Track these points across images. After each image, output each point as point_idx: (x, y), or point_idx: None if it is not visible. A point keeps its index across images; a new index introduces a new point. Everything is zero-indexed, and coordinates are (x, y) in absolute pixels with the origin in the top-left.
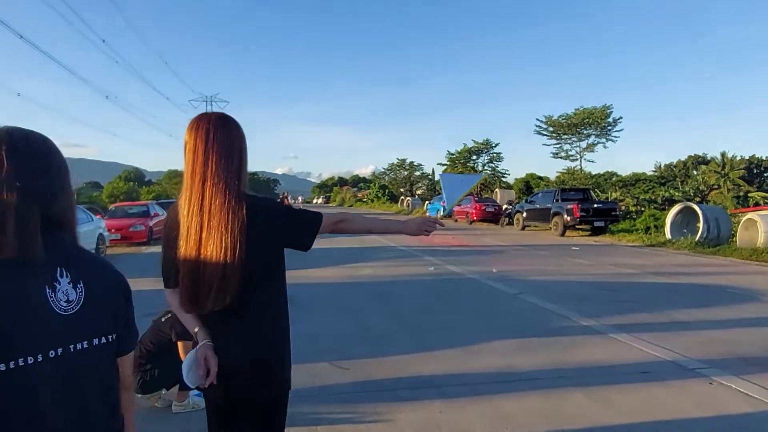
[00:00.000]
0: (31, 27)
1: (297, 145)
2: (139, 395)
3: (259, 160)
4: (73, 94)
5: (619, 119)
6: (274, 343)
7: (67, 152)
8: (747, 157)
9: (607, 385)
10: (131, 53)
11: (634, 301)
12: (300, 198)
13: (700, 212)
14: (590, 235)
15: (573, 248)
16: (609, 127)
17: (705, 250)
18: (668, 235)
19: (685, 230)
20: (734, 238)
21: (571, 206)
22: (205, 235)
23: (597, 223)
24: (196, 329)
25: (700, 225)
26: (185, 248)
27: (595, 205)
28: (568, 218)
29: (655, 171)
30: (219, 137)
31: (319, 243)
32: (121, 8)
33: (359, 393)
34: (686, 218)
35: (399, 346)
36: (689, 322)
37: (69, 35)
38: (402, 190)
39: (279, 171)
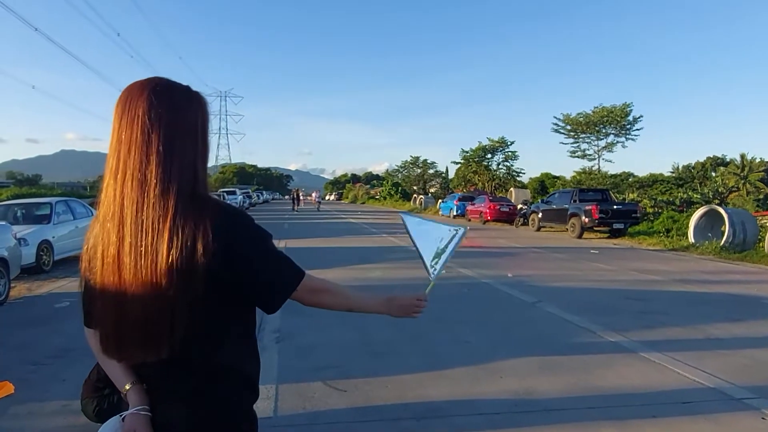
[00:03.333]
0: (47, 20)
1: (312, 141)
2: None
3: (273, 156)
4: (88, 88)
5: (639, 118)
6: (235, 411)
7: (84, 146)
8: (767, 159)
9: (644, 419)
10: (146, 48)
11: (662, 312)
12: (315, 194)
13: (725, 215)
14: (608, 237)
15: (592, 251)
16: (628, 126)
17: (731, 256)
18: (691, 239)
19: (709, 234)
20: (761, 243)
21: (590, 207)
22: (135, 256)
23: (616, 225)
24: (127, 386)
25: (726, 229)
26: (101, 273)
27: (615, 207)
28: (586, 220)
29: (672, 172)
30: (161, 112)
31: (327, 242)
32: (136, 2)
33: (357, 423)
34: (710, 221)
35: (405, 362)
36: (727, 339)
37: (84, 29)
38: (415, 187)
39: (293, 167)
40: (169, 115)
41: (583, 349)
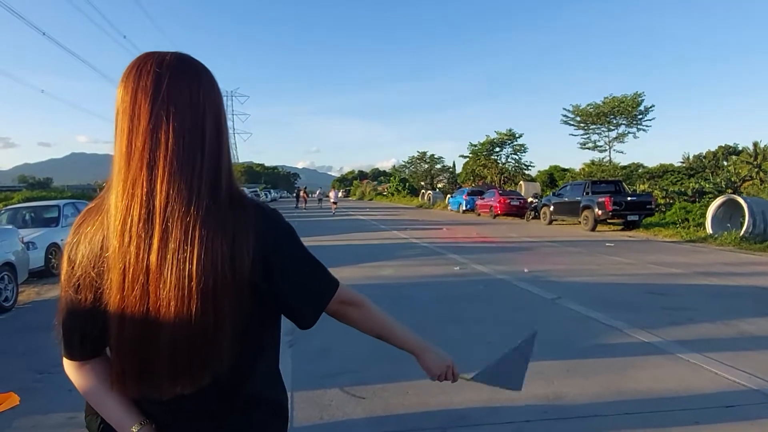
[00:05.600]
0: (54, 24)
1: (319, 139)
2: None
3: (281, 154)
4: (97, 91)
5: (651, 108)
6: None
7: (95, 148)
8: None
9: (686, 426)
10: (151, 48)
11: (689, 308)
12: (332, 194)
13: (745, 205)
14: (622, 229)
15: (607, 244)
16: (640, 116)
17: (752, 247)
18: (709, 230)
19: (728, 224)
20: None
21: (603, 199)
22: (165, 266)
23: (630, 217)
24: (135, 428)
25: (745, 219)
26: (121, 291)
27: (629, 198)
28: (600, 212)
29: (683, 162)
30: (177, 90)
31: (337, 240)
32: (140, 3)
33: None
34: (728, 211)
35: None
36: (762, 336)
37: (90, 31)
38: (423, 183)
39: (300, 165)
40: (212, 96)
41: (612, 349)
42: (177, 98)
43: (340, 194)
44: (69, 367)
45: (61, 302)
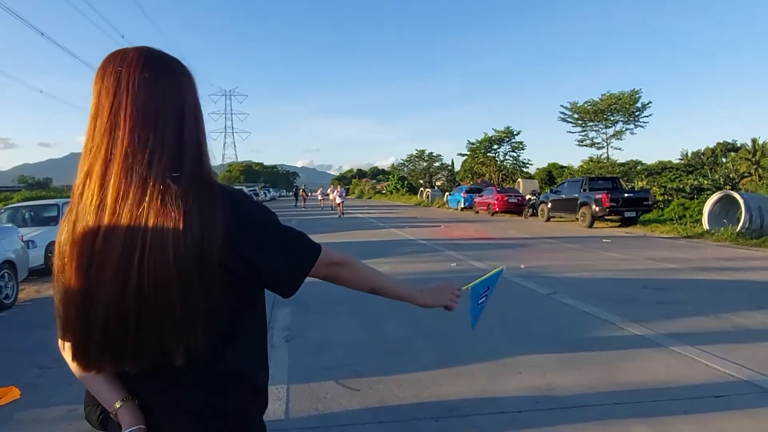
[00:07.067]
0: (52, 24)
1: (319, 138)
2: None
3: (280, 153)
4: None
5: (648, 104)
6: (245, 426)
7: None
8: None
9: (676, 416)
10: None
11: (683, 302)
12: (337, 191)
13: (741, 201)
14: (619, 226)
15: (604, 240)
16: (637, 113)
17: (749, 242)
18: (706, 226)
19: (724, 220)
20: None
21: (600, 196)
22: (111, 250)
23: (628, 214)
24: (118, 404)
25: (742, 214)
26: (74, 273)
27: (626, 195)
28: (597, 208)
29: (681, 159)
30: (135, 86)
31: (335, 237)
32: (139, 3)
33: (372, 424)
34: (725, 207)
35: (419, 359)
36: (755, 328)
37: (89, 31)
38: (421, 181)
39: (299, 164)
40: (174, 86)
41: (605, 342)
42: (135, 93)
43: (336, 192)
44: (63, 348)
45: (53, 286)
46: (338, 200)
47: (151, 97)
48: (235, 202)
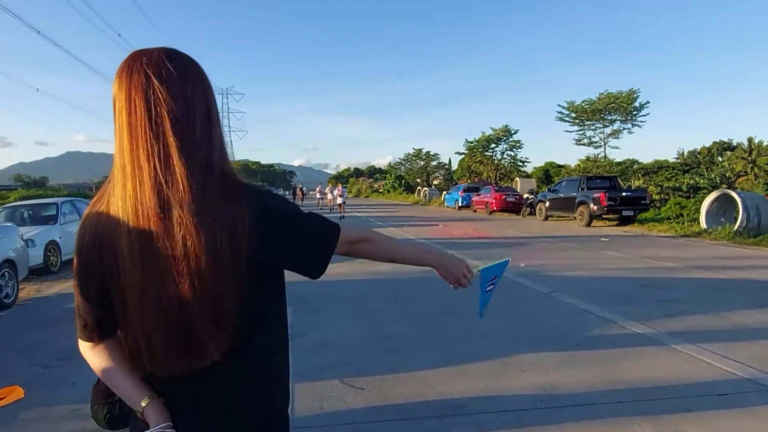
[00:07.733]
0: (49, 22)
1: (316, 137)
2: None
3: (278, 152)
4: (92, 89)
5: (645, 104)
6: (272, 419)
7: (90, 147)
8: None
9: (678, 414)
10: (146, 46)
11: (682, 300)
12: (337, 191)
13: (738, 199)
14: (617, 225)
15: (602, 239)
16: (634, 112)
17: (746, 241)
18: (704, 225)
19: (722, 219)
20: None
21: (598, 195)
22: (175, 247)
23: (625, 213)
24: (144, 402)
25: (739, 213)
26: (134, 273)
27: (624, 194)
28: (595, 207)
29: (677, 158)
30: (166, 84)
31: None
32: (136, 1)
33: (377, 423)
34: (722, 206)
35: (422, 357)
36: (755, 327)
37: (85, 30)
38: (418, 180)
39: (296, 163)
40: (199, 85)
41: (606, 341)
42: (167, 91)
43: (337, 191)
44: (84, 348)
45: (75, 288)
46: (339, 201)
47: (183, 98)
48: (261, 196)
